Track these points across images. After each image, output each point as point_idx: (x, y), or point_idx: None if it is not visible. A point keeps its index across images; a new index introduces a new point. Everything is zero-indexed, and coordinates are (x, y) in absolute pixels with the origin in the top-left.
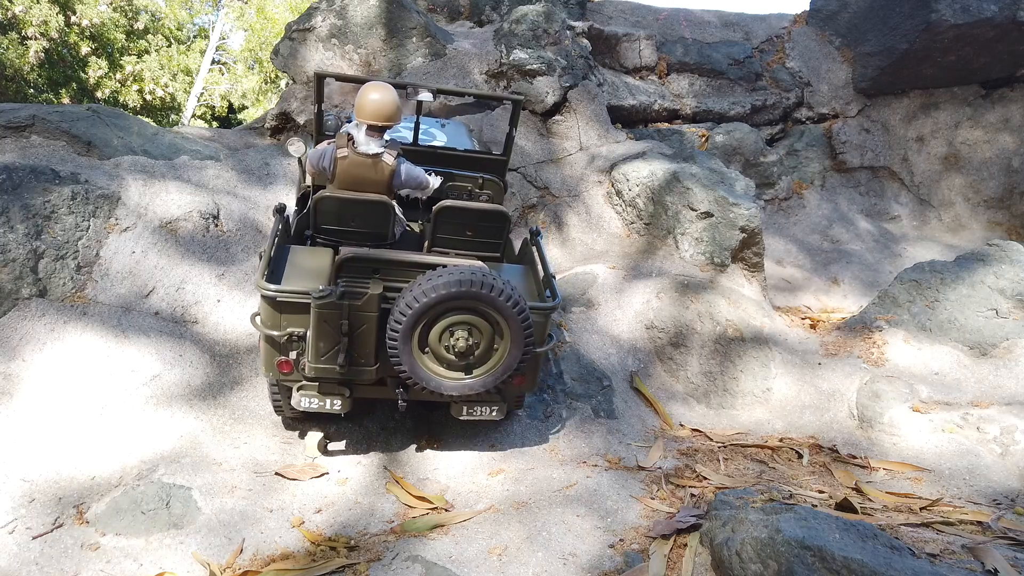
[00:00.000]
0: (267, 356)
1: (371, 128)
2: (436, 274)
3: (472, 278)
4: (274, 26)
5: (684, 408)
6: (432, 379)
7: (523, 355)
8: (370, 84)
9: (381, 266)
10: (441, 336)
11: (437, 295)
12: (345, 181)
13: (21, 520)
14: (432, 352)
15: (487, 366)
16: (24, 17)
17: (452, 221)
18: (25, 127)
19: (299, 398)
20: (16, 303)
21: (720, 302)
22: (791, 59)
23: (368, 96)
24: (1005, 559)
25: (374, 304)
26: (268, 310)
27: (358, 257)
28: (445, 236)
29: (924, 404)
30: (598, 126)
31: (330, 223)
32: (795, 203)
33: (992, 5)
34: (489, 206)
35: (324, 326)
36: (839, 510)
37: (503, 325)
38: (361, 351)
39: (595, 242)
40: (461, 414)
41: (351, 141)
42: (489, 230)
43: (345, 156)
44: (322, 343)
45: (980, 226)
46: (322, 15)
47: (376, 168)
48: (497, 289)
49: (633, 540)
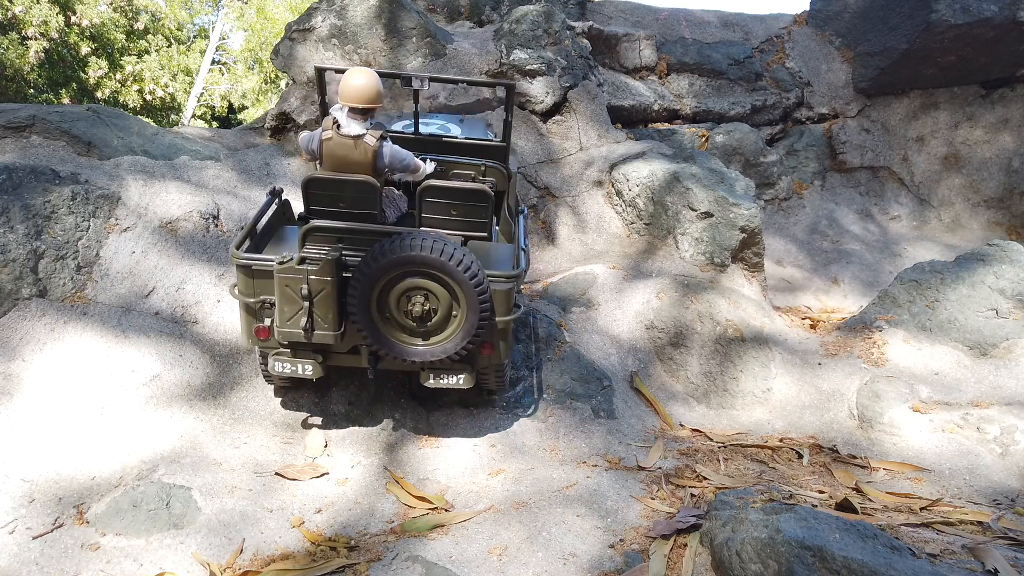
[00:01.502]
0: (246, 324)
1: (353, 111)
2: (390, 240)
3: (423, 244)
4: (274, 26)
5: (684, 408)
6: (394, 345)
7: (481, 321)
8: (353, 69)
9: (344, 235)
10: (399, 302)
11: (387, 259)
12: (331, 162)
13: (21, 520)
14: (393, 319)
15: (446, 332)
16: (24, 17)
17: (437, 200)
18: (25, 127)
19: (273, 362)
20: (16, 303)
21: (720, 302)
22: (791, 59)
23: (350, 80)
24: (1005, 559)
25: (331, 269)
26: (243, 278)
27: (322, 227)
28: (431, 216)
29: (924, 404)
30: (598, 126)
31: (320, 204)
32: (795, 203)
33: (992, 5)
34: (470, 184)
35: (287, 291)
36: (839, 510)
37: (458, 292)
38: (323, 316)
39: (595, 242)
40: (428, 381)
41: (336, 124)
42: (473, 209)
43: (330, 137)
44: (286, 307)
45: (980, 226)
46: (322, 15)
47: (359, 149)
48: (447, 254)
49: (633, 540)
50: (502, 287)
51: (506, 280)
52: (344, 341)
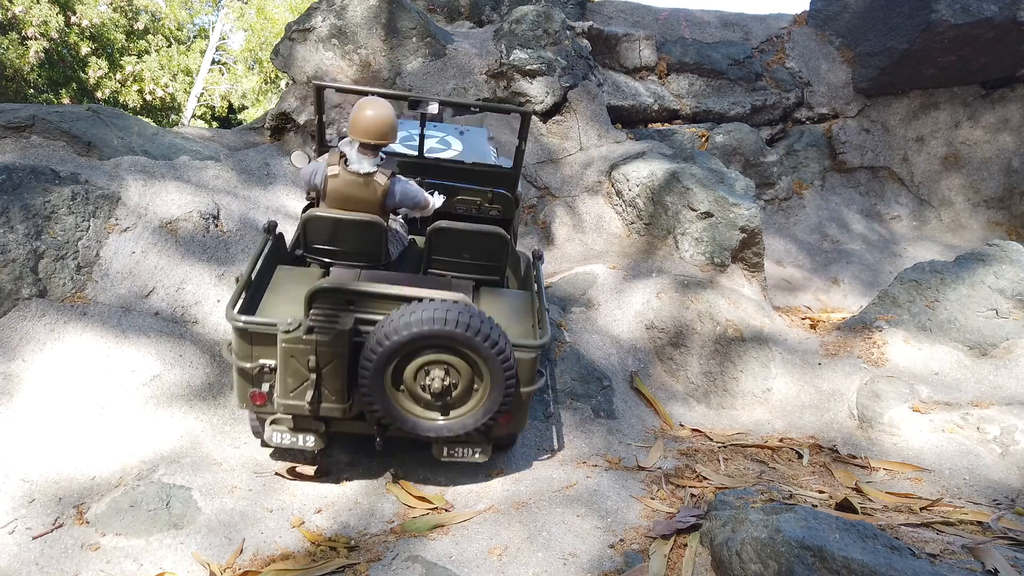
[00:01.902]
0: (240, 388)
1: (364, 146)
2: (410, 310)
3: (447, 316)
4: (274, 26)
5: (684, 408)
6: (407, 419)
7: (505, 397)
8: (366, 100)
9: (355, 298)
10: (416, 375)
11: (409, 333)
12: (336, 200)
13: (21, 520)
14: (407, 391)
15: (466, 408)
16: (24, 17)
17: (448, 243)
18: (25, 127)
19: (271, 433)
20: (16, 303)
21: (720, 302)
22: (791, 59)
23: (362, 112)
24: (1005, 559)
25: (344, 340)
26: (239, 341)
27: (331, 288)
28: (441, 259)
29: (924, 404)
30: (598, 126)
31: (320, 242)
32: (795, 203)
33: (992, 5)
34: (487, 228)
35: (291, 361)
36: (839, 510)
37: (482, 366)
38: (332, 388)
39: (595, 242)
40: (442, 455)
41: (343, 158)
42: (487, 253)
43: (336, 174)
44: (290, 379)
45: (980, 226)
46: (322, 15)
47: (368, 187)
48: (474, 328)
49: (633, 540)
50: (527, 356)
51: (532, 350)
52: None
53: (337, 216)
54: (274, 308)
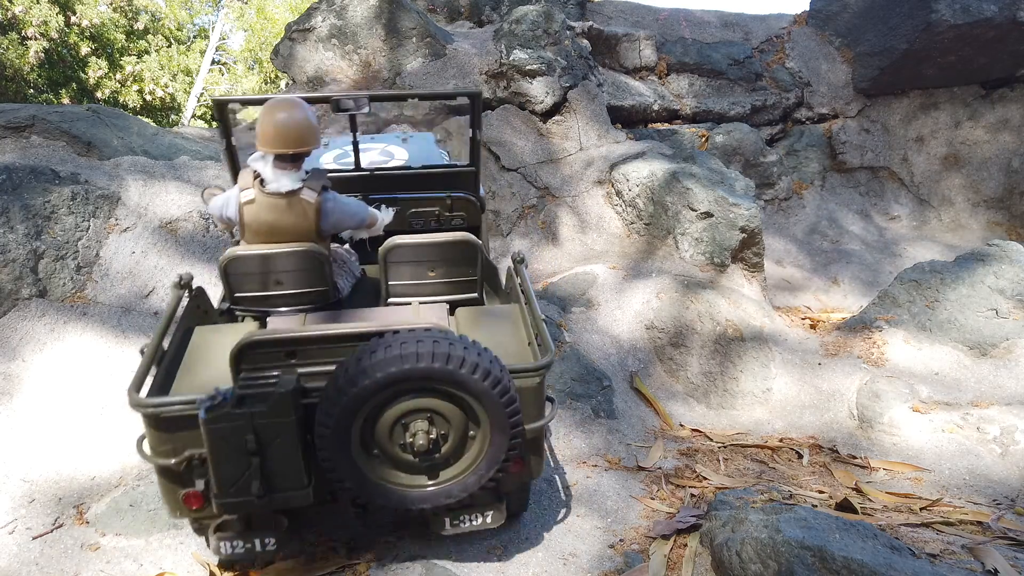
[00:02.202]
0: (167, 493)
1: (280, 159)
2: (369, 350)
3: (419, 349)
4: (274, 26)
5: (684, 408)
6: (390, 492)
7: (512, 440)
8: (272, 102)
9: (295, 347)
10: (392, 432)
11: (373, 380)
12: (258, 232)
13: (21, 520)
14: (384, 454)
15: (464, 463)
16: (24, 17)
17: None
18: (25, 127)
19: (217, 543)
20: (16, 303)
21: (720, 302)
22: (791, 59)
23: (271, 117)
24: (1005, 559)
25: (288, 405)
26: (154, 432)
27: (261, 340)
28: (402, 283)
29: (924, 404)
30: (598, 126)
31: (250, 288)
32: (795, 203)
33: (992, 5)
34: (452, 236)
35: (223, 446)
36: (839, 510)
37: (476, 406)
38: (283, 470)
39: (595, 242)
40: (443, 529)
41: (258, 179)
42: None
43: (252, 200)
44: (226, 469)
45: (980, 226)
46: (322, 15)
47: (295, 209)
48: (457, 359)
49: (633, 540)
50: (530, 382)
51: (534, 373)
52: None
53: (264, 252)
54: (194, 381)
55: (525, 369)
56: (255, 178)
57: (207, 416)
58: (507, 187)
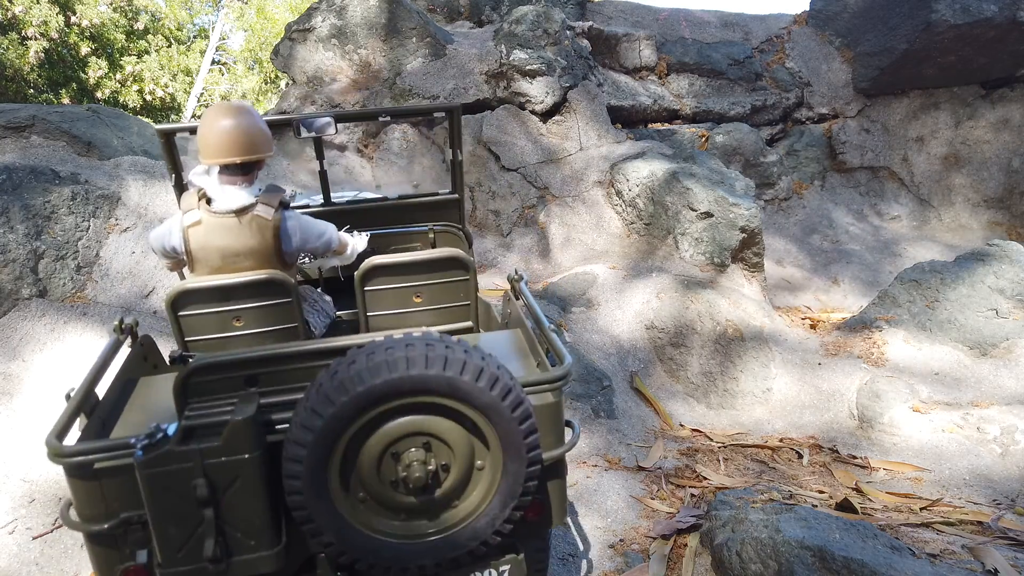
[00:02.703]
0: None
1: (228, 170)
2: (348, 361)
3: (410, 354)
4: (274, 26)
5: (684, 408)
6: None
7: (529, 469)
8: (213, 107)
9: (257, 369)
10: (380, 465)
11: (349, 398)
12: (209, 261)
13: (21, 520)
14: (373, 498)
15: (472, 501)
16: (24, 17)
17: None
18: (25, 127)
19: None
20: (16, 303)
21: (720, 302)
22: (791, 59)
23: (214, 123)
24: (1005, 559)
25: (247, 439)
26: (81, 489)
27: (213, 364)
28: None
29: (924, 404)
30: (598, 126)
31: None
32: (795, 203)
33: (992, 5)
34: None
35: (165, 497)
36: (839, 510)
37: (485, 426)
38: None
39: (595, 242)
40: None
41: (204, 197)
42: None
43: (198, 221)
44: (171, 528)
45: (980, 226)
46: (322, 15)
47: (249, 229)
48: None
49: (633, 540)
50: (545, 400)
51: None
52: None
53: (217, 284)
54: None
55: (539, 381)
56: (200, 197)
57: (144, 458)
58: (507, 187)
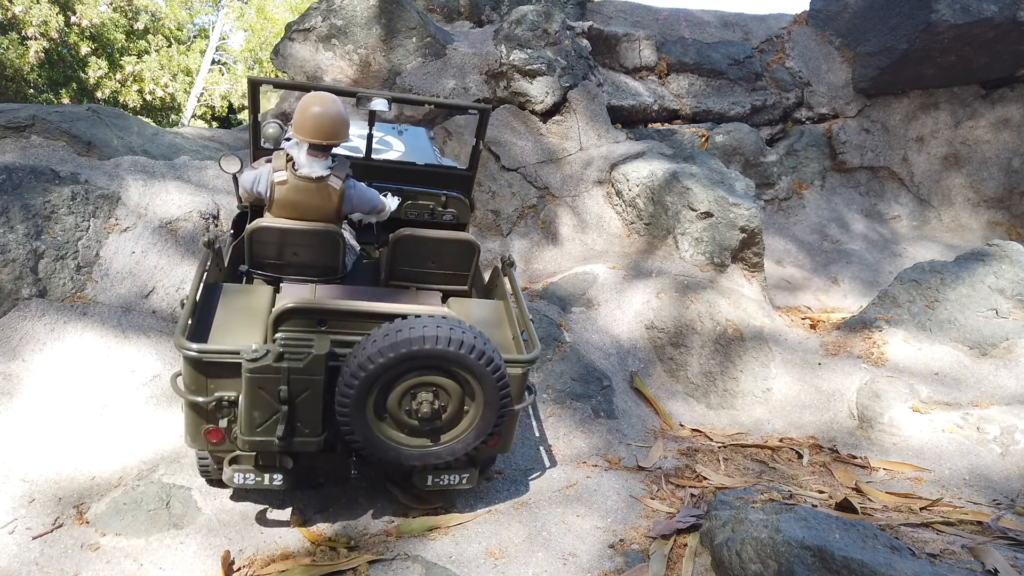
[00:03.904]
0: (192, 425)
1: (313, 147)
2: (394, 328)
3: (439, 334)
4: (274, 26)
5: (684, 408)
6: (391, 449)
7: (499, 416)
8: (311, 96)
9: (328, 317)
10: (402, 400)
11: (396, 355)
12: (285, 208)
13: (21, 520)
14: (392, 418)
15: (456, 431)
16: (24, 17)
17: (413, 252)
18: (25, 127)
19: (231, 473)
20: (16, 303)
21: (720, 302)
22: (791, 59)
23: (309, 111)
24: (1005, 559)
25: (319, 366)
26: (192, 373)
27: (300, 308)
28: (405, 268)
29: (924, 404)
30: (598, 126)
31: (269, 256)
32: (795, 203)
33: (992, 5)
34: (456, 235)
35: (259, 393)
36: (839, 510)
37: (475, 385)
38: (305, 420)
39: (595, 242)
40: (425, 484)
41: (291, 163)
42: (455, 261)
43: (284, 181)
44: (257, 412)
45: (980, 226)
46: (322, 15)
47: (321, 193)
48: (468, 346)
49: (633, 540)
50: (517, 371)
51: (523, 365)
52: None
53: (289, 227)
54: (226, 333)
55: (517, 360)
56: (287, 161)
57: (250, 366)
58: (507, 187)
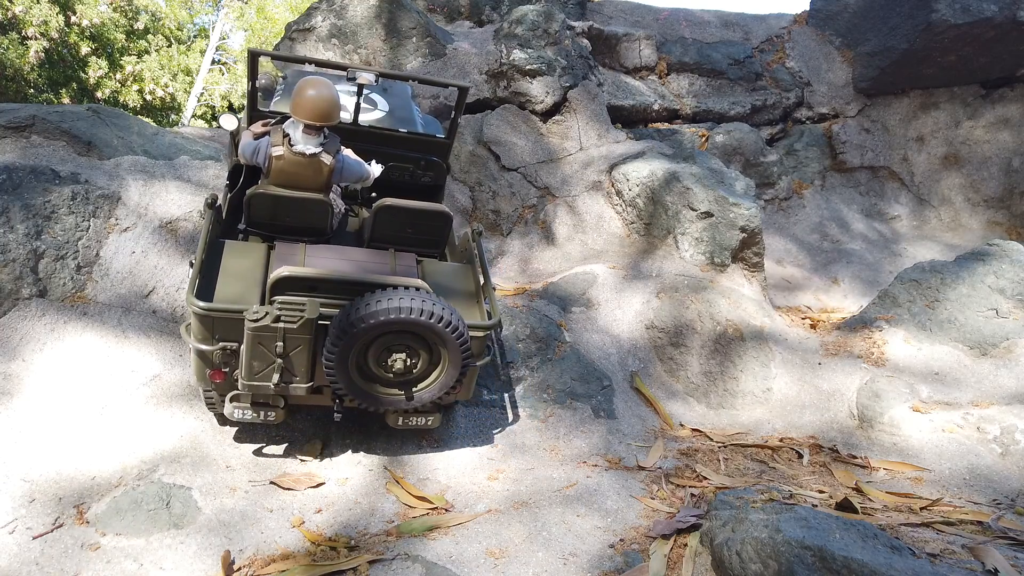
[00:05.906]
0: (198, 367)
1: (309, 127)
2: (374, 299)
3: (413, 305)
4: (274, 26)
5: (684, 408)
6: (369, 396)
7: (461, 372)
8: (307, 80)
9: (318, 284)
10: (379, 357)
11: (375, 321)
12: (280, 179)
13: (21, 520)
14: (371, 371)
15: (424, 384)
16: (24, 17)
17: (393, 219)
18: (25, 127)
19: (232, 409)
20: (16, 303)
21: (720, 302)
22: (791, 59)
23: (305, 94)
24: (1005, 559)
25: (310, 327)
26: (200, 326)
27: (295, 277)
28: (385, 232)
29: (924, 404)
30: (598, 126)
31: (264, 218)
32: (795, 203)
33: (992, 5)
34: (431, 206)
35: (258, 348)
36: (839, 510)
37: (441, 347)
38: (297, 370)
39: (595, 242)
40: (396, 424)
41: (287, 139)
42: (430, 229)
43: (281, 156)
44: (256, 363)
45: (980, 226)
46: (322, 15)
47: (313, 167)
48: (438, 316)
49: (633, 540)
50: (479, 335)
51: (484, 331)
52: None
53: (282, 194)
54: (229, 288)
55: (479, 326)
56: (284, 137)
57: (252, 325)
58: (507, 187)
